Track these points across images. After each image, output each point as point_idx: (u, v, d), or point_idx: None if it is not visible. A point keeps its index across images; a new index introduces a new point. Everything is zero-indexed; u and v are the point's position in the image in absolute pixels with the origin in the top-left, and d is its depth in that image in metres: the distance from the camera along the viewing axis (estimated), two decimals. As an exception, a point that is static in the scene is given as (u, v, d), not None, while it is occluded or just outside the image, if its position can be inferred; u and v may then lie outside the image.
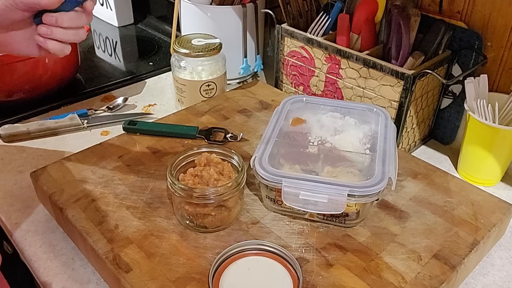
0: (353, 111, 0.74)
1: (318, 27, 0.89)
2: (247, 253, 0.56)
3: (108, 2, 1.39)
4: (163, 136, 0.80)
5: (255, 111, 0.89)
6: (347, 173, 0.64)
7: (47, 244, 0.67)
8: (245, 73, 1.09)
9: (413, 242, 0.60)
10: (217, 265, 0.54)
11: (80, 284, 0.61)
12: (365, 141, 0.69)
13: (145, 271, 0.56)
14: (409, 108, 0.79)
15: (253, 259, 0.55)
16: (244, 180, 0.62)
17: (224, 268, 0.54)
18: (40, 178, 0.70)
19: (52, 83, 1.00)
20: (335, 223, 0.63)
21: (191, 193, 0.58)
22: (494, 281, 0.63)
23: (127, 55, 1.28)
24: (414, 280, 0.55)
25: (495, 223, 0.63)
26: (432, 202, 0.67)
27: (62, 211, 0.64)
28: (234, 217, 0.63)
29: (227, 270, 0.54)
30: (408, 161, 0.75)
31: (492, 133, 0.74)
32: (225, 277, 0.53)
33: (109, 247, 0.59)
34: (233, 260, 0.55)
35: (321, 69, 0.89)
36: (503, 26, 0.76)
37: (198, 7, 1.01)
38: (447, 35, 0.79)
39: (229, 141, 0.80)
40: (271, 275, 0.53)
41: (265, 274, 0.53)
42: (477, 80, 0.77)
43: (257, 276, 0.53)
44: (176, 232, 0.61)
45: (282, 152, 0.68)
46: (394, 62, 0.80)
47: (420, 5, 0.86)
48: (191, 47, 0.91)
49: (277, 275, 0.53)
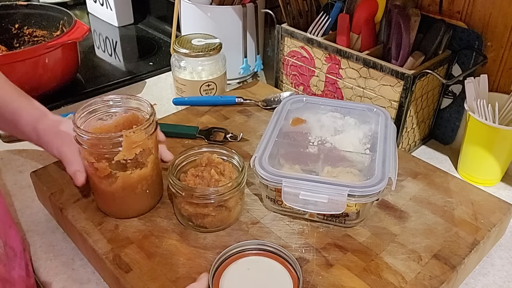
0: (353, 111, 0.74)
1: (318, 27, 0.89)
2: (247, 253, 0.56)
3: (108, 2, 1.39)
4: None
5: (255, 111, 0.89)
6: (347, 173, 0.64)
7: (47, 244, 0.67)
8: (245, 73, 1.09)
9: (413, 242, 0.60)
10: (217, 265, 0.54)
11: (80, 284, 0.61)
12: (365, 141, 0.69)
13: (145, 271, 0.56)
14: (409, 108, 0.79)
15: (254, 259, 0.55)
16: (245, 180, 0.62)
17: (225, 268, 0.54)
18: (40, 178, 0.70)
19: (52, 83, 1.00)
20: (335, 223, 0.63)
21: (191, 193, 0.58)
22: (494, 281, 0.63)
23: (127, 55, 1.28)
24: (414, 280, 0.55)
25: (495, 223, 0.63)
26: (432, 202, 0.67)
27: (62, 211, 0.64)
28: (234, 217, 0.63)
29: (227, 270, 0.54)
30: (408, 161, 0.75)
31: (492, 133, 0.74)
32: (225, 277, 0.53)
33: (109, 247, 0.59)
34: (234, 260, 0.55)
35: (321, 69, 0.89)
36: (503, 26, 0.76)
37: (198, 7, 1.01)
38: (447, 35, 0.79)
39: (229, 141, 0.80)
40: (271, 275, 0.53)
41: (265, 274, 0.53)
42: (477, 80, 0.77)
43: (257, 276, 0.53)
44: (176, 232, 0.61)
45: (282, 152, 0.68)
46: (394, 62, 0.80)
47: (420, 5, 0.86)
48: (191, 47, 0.91)
49: (277, 275, 0.53)
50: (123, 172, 0.59)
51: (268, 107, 0.90)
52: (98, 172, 0.59)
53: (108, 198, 0.62)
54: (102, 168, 0.58)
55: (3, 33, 1.10)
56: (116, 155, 0.57)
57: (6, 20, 1.11)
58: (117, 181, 0.60)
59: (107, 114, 0.63)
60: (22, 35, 1.13)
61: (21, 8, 1.11)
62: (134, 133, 0.57)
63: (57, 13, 1.09)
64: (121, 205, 0.63)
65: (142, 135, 0.58)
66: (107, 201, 0.63)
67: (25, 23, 1.12)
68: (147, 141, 0.59)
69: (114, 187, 0.60)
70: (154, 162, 0.62)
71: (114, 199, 0.62)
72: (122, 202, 0.62)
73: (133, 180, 0.60)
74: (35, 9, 1.12)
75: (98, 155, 0.58)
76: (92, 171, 0.60)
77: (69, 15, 1.06)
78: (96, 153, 0.58)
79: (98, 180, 0.60)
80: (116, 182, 0.60)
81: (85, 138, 0.57)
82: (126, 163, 0.59)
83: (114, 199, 0.62)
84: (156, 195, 0.66)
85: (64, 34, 0.96)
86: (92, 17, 1.49)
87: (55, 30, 1.11)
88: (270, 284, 0.52)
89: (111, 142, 0.57)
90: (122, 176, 0.59)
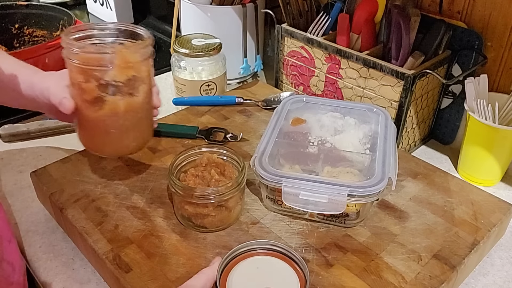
0: (353, 111, 0.74)
1: (318, 27, 0.89)
2: (257, 252, 0.55)
3: (108, 2, 1.39)
4: (163, 136, 0.80)
5: (255, 111, 0.89)
6: (347, 173, 0.64)
7: (47, 244, 0.67)
8: (245, 73, 1.09)
9: (413, 242, 0.60)
10: (226, 261, 0.53)
11: (80, 284, 0.61)
12: (365, 141, 0.69)
13: (145, 271, 0.56)
14: (409, 108, 0.79)
15: (263, 259, 0.55)
16: (245, 180, 0.62)
17: (234, 265, 0.53)
18: (40, 178, 0.70)
19: (52, 83, 1.00)
20: (335, 223, 0.63)
21: (191, 193, 0.58)
22: (494, 281, 0.63)
23: (127, 55, 1.27)
24: (414, 280, 0.55)
25: (495, 223, 0.63)
26: (432, 202, 0.67)
27: (62, 211, 0.64)
28: (235, 217, 0.63)
29: (236, 267, 0.53)
30: (408, 161, 0.75)
31: (492, 133, 0.74)
32: (233, 274, 0.52)
33: (109, 247, 0.59)
34: (243, 258, 0.54)
35: (321, 69, 0.89)
36: (503, 26, 0.76)
37: (198, 7, 1.01)
38: (447, 35, 0.79)
39: (229, 141, 0.80)
40: (280, 275, 0.53)
41: (274, 273, 0.53)
42: (477, 80, 0.77)
43: (266, 275, 0.53)
44: (176, 232, 0.61)
45: (282, 152, 0.68)
46: (394, 62, 0.80)
47: (420, 5, 0.86)
48: (191, 47, 0.91)
49: (285, 275, 0.53)
50: (112, 97, 0.55)
51: (268, 107, 0.90)
52: (86, 95, 0.55)
53: (92, 127, 0.58)
54: (89, 89, 0.54)
55: (3, 33, 1.11)
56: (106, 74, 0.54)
57: (6, 20, 1.11)
58: (104, 107, 0.55)
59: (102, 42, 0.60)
60: (22, 35, 1.13)
61: (21, 8, 1.11)
62: (128, 49, 0.54)
63: (57, 13, 1.09)
64: (104, 137, 0.59)
65: (136, 56, 0.55)
66: (90, 131, 0.59)
67: (25, 23, 1.12)
68: (141, 66, 0.56)
69: (100, 114, 0.56)
70: (146, 94, 0.58)
71: (98, 128, 0.58)
72: (106, 133, 0.59)
73: (121, 108, 0.56)
74: (35, 9, 1.12)
75: (87, 73, 0.54)
76: (79, 93, 0.56)
77: (69, 15, 1.06)
78: (85, 71, 0.54)
79: (85, 105, 0.56)
80: (102, 107, 0.55)
81: (75, 50, 0.53)
82: (117, 87, 0.55)
83: (98, 128, 0.58)
84: (143, 135, 0.63)
85: (64, 34, 0.96)
86: (92, 17, 1.49)
87: (55, 30, 1.11)
88: (278, 284, 0.52)
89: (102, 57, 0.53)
90: (110, 102, 0.55)
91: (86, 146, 0.62)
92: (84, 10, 1.52)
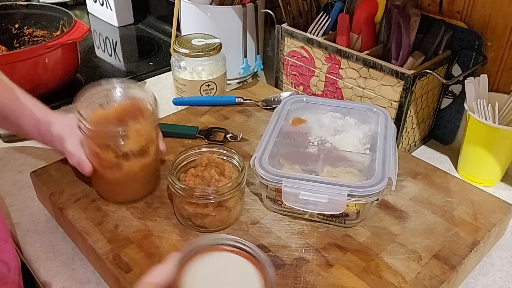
0: (353, 111, 0.74)
1: (318, 27, 0.89)
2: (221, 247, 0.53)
3: (108, 2, 1.39)
4: (163, 136, 0.80)
5: (255, 111, 0.89)
6: (347, 173, 0.64)
7: (47, 244, 0.67)
8: (245, 73, 1.09)
9: (413, 242, 0.60)
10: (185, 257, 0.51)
11: (80, 284, 0.61)
12: (365, 141, 0.69)
13: (145, 271, 0.55)
14: (409, 108, 0.79)
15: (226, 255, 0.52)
16: (245, 180, 0.62)
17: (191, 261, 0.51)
18: (40, 178, 0.70)
19: (52, 83, 1.00)
20: (335, 223, 0.63)
21: (191, 193, 0.58)
22: (494, 281, 0.63)
23: (127, 55, 1.28)
24: (414, 280, 0.55)
25: (495, 223, 0.63)
26: (432, 202, 0.67)
27: (62, 211, 0.64)
28: (234, 217, 0.63)
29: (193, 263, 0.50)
30: (408, 161, 0.75)
31: (492, 133, 0.74)
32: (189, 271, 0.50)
33: (109, 247, 0.59)
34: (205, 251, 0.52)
35: (321, 69, 0.89)
36: (503, 26, 0.76)
37: (198, 7, 1.01)
38: (447, 35, 0.79)
39: (229, 141, 0.80)
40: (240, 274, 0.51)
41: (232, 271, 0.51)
42: (477, 80, 0.77)
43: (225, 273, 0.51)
44: (176, 232, 0.61)
45: (282, 152, 0.68)
46: (394, 62, 0.80)
47: (420, 5, 0.86)
48: (191, 47, 0.91)
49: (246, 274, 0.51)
50: (127, 163, 0.60)
51: (268, 107, 0.90)
52: (103, 162, 0.60)
53: (109, 184, 0.64)
54: (107, 159, 0.60)
55: (3, 33, 1.11)
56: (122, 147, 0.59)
57: (6, 20, 1.11)
58: (120, 171, 0.61)
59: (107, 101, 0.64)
60: (22, 35, 1.13)
61: (21, 8, 1.11)
62: (142, 126, 0.58)
63: (57, 13, 1.09)
64: (121, 191, 0.65)
65: (147, 127, 0.60)
66: (107, 187, 0.65)
67: (25, 23, 1.12)
68: (152, 132, 0.61)
69: (117, 176, 0.61)
70: (155, 150, 0.64)
71: (116, 186, 0.64)
72: (123, 188, 0.64)
73: (136, 169, 0.62)
74: (35, 9, 1.12)
75: (104, 146, 0.59)
76: (96, 160, 0.61)
77: (69, 15, 1.06)
78: (101, 145, 0.59)
79: (102, 170, 0.62)
80: (119, 171, 0.61)
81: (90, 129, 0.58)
82: (132, 154, 0.60)
83: (116, 186, 0.64)
84: (155, 181, 0.68)
85: (64, 34, 0.96)
86: (92, 17, 1.49)
87: (55, 30, 1.11)
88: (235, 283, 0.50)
89: (118, 135, 0.58)
90: (126, 166, 0.61)
91: (100, 195, 0.67)
92: (84, 10, 1.52)
